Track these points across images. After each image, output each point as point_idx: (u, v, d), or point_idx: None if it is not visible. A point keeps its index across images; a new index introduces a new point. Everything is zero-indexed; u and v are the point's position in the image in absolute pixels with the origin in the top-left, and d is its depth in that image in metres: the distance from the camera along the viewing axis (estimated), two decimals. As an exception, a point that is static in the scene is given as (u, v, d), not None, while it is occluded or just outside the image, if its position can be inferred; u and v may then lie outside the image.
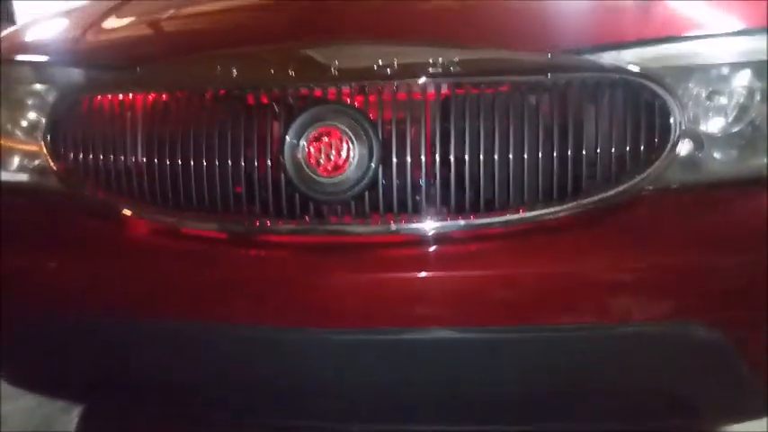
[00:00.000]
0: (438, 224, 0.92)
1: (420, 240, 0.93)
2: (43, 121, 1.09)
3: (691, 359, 0.94)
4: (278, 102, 0.95)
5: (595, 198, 0.92)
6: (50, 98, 1.08)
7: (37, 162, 1.09)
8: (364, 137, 0.92)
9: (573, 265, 0.92)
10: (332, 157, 0.92)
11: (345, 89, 0.93)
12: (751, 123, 0.96)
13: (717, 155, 0.95)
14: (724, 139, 0.95)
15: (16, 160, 1.12)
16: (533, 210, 0.92)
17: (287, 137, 0.93)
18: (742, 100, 0.96)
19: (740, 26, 0.98)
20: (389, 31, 1.00)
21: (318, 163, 0.92)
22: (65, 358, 1.08)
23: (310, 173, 0.93)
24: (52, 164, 1.06)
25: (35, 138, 1.10)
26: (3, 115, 1.12)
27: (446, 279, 0.92)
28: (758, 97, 0.95)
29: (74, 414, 1.76)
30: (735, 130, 0.96)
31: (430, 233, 0.93)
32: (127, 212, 1.03)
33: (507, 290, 0.91)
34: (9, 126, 1.12)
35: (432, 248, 0.93)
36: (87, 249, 1.05)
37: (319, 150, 0.92)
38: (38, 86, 1.09)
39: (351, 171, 0.92)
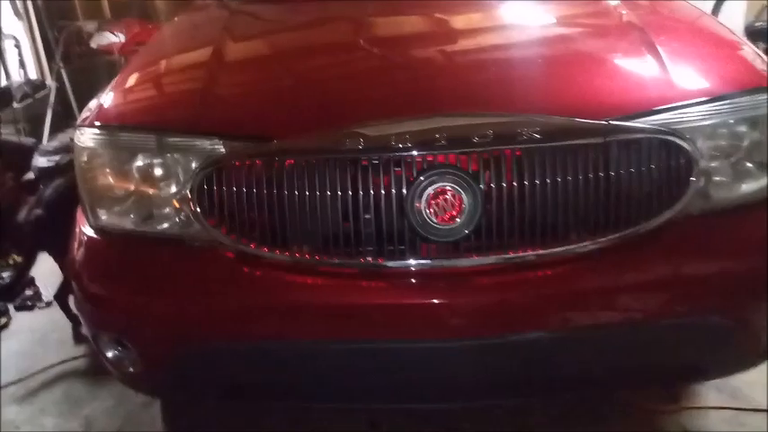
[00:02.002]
0: (527, 253, 1.22)
1: (518, 266, 1.23)
2: (181, 180, 1.30)
3: (707, 339, 1.29)
4: (398, 165, 1.20)
5: (642, 227, 1.23)
6: (193, 164, 1.28)
7: (183, 216, 1.30)
8: (471, 191, 1.19)
9: (629, 277, 1.25)
10: (447, 210, 1.19)
11: (452, 155, 1.20)
12: (742, 162, 1.29)
13: (722, 188, 1.28)
14: (726, 175, 1.29)
15: (161, 213, 1.32)
16: (600, 238, 1.22)
17: (410, 195, 1.19)
18: (739, 144, 1.29)
19: (733, 89, 1.30)
20: (483, 103, 1.27)
21: (436, 214, 1.19)
22: (226, 373, 1.33)
23: (430, 221, 1.19)
24: (200, 218, 1.26)
25: (177, 195, 1.30)
26: (147, 177, 1.32)
27: (538, 293, 1.23)
28: (745, 143, 1.29)
29: (154, 410, 1.98)
30: (732, 167, 1.29)
31: (521, 260, 1.22)
32: (266, 255, 1.25)
33: (583, 299, 1.24)
34: (153, 187, 1.32)
35: (522, 272, 1.23)
36: (232, 287, 1.28)
37: (437, 204, 1.19)
38: (177, 156, 1.30)
39: (462, 219, 1.19)
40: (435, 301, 1.22)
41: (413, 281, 1.24)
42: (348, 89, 1.40)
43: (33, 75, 5.20)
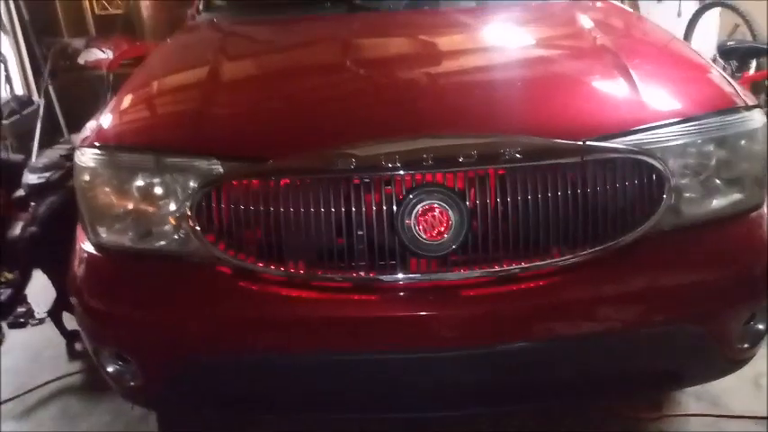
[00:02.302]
0: (512, 266, 1.29)
1: (503, 279, 1.30)
2: (179, 199, 1.35)
3: (682, 347, 1.37)
4: (388, 184, 1.27)
5: (618, 242, 1.31)
6: (191, 182, 1.34)
7: (181, 233, 1.35)
8: (457, 208, 1.26)
9: (608, 288, 1.33)
10: (435, 226, 1.26)
11: (439, 174, 1.27)
12: (711, 179, 1.38)
13: (692, 204, 1.37)
14: (695, 192, 1.37)
15: (160, 230, 1.38)
16: (579, 251, 1.30)
17: (400, 212, 1.25)
18: (708, 163, 1.38)
19: (701, 110, 1.39)
20: (466, 124, 1.35)
21: (425, 230, 1.26)
22: (226, 385, 1.38)
23: (419, 237, 1.26)
24: (199, 235, 1.32)
25: (176, 212, 1.36)
26: (146, 195, 1.37)
27: (522, 305, 1.30)
28: (713, 161, 1.37)
29: (151, 424, 2.01)
30: (702, 184, 1.37)
31: (506, 273, 1.29)
32: (263, 270, 1.31)
33: (564, 311, 1.31)
34: (152, 205, 1.38)
35: (507, 284, 1.30)
36: (230, 301, 1.33)
37: (426, 221, 1.26)
38: (175, 175, 1.35)
39: (450, 234, 1.26)
40: (425, 312, 1.29)
41: (404, 294, 1.31)
42: (339, 111, 1.48)
43: (20, 90, 5.22)
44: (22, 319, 2.65)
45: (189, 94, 1.63)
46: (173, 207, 1.37)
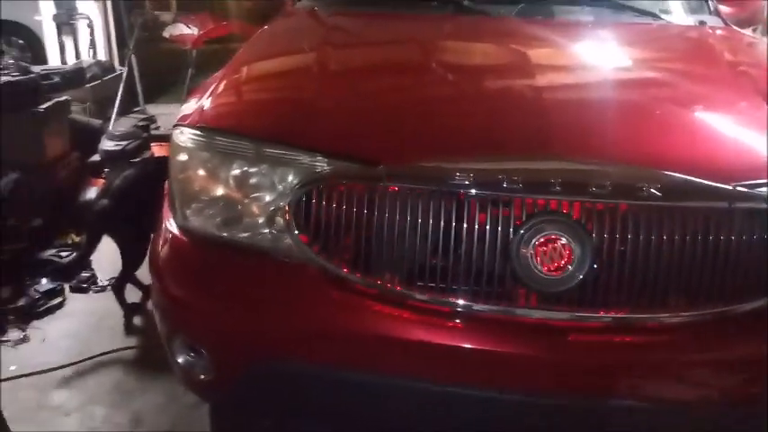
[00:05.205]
0: (632, 315, 1.16)
1: (616, 328, 1.16)
2: (276, 192, 1.27)
3: None
4: (506, 205, 1.15)
5: (753, 303, 1.16)
6: (290, 176, 1.26)
7: (275, 229, 1.27)
8: (580, 242, 1.13)
9: (729, 353, 1.18)
10: (555, 259, 1.14)
11: (566, 202, 1.14)
12: None
13: None
14: None
15: (251, 223, 1.30)
16: (709, 309, 1.16)
17: (517, 240, 1.14)
18: None
19: None
20: (600, 150, 1.22)
21: (543, 263, 1.14)
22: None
23: (535, 270, 1.14)
24: (294, 234, 1.23)
25: (271, 206, 1.28)
26: (241, 184, 1.30)
27: (634, 359, 1.17)
28: None
29: (203, 411, 1.95)
30: None
31: (625, 322, 1.16)
32: (356, 280, 1.22)
33: (678, 373, 1.18)
34: (246, 195, 1.30)
35: (622, 334, 1.17)
36: (317, 308, 1.24)
37: (545, 253, 1.14)
38: (275, 167, 1.27)
39: (570, 271, 1.14)
40: (528, 353, 1.16)
41: (502, 327, 1.18)
42: (457, 119, 1.36)
43: (102, 56, 5.32)
44: (84, 285, 2.65)
45: (295, 82, 1.55)
46: (267, 200, 1.28)
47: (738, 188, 1.15)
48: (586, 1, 2.06)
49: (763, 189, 1.17)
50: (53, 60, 5.30)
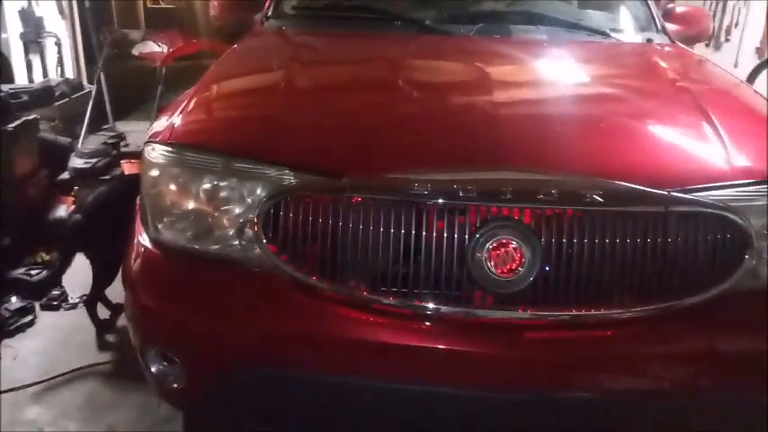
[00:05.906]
0: (582, 312, 1.24)
1: (567, 324, 1.25)
2: (245, 205, 1.33)
3: (740, 417, 1.30)
4: (462, 213, 1.23)
5: (694, 299, 1.26)
6: (258, 190, 1.32)
7: (244, 240, 1.33)
8: (531, 246, 1.22)
9: (674, 346, 1.27)
10: (507, 262, 1.22)
11: (516, 209, 1.23)
12: None
13: None
14: None
15: (221, 235, 1.35)
16: (651, 305, 1.25)
17: (472, 244, 1.22)
18: None
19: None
20: (547, 161, 1.31)
21: (496, 265, 1.22)
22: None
23: (489, 272, 1.22)
24: (263, 245, 1.29)
25: (241, 218, 1.34)
26: (211, 198, 1.36)
27: (583, 353, 1.26)
28: None
29: (177, 425, 1.98)
30: None
31: (575, 319, 1.25)
32: (323, 287, 1.28)
33: (625, 365, 1.26)
34: (216, 208, 1.36)
35: (572, 331, 1.26)
36: (286, 315, 1.30)
37: (498, 256, 1.22)
38: (244, 181, 1.33)
39: (522, 272, 1.22)
40: (485, 350, 1.24)
41: (463, 328, 1.26)
42: (416, 133, 1.44)
43: (71, 74, 5.30)
44: (55, 302, 2.65)
45: (263, 99, 1.62)
46: (237, 212, 1.35)
47: (673, 193, 1.25)
48: (541, 20, 2.17)
49: (698, 194, 1.28)
50: (20, 79, 5.26)
